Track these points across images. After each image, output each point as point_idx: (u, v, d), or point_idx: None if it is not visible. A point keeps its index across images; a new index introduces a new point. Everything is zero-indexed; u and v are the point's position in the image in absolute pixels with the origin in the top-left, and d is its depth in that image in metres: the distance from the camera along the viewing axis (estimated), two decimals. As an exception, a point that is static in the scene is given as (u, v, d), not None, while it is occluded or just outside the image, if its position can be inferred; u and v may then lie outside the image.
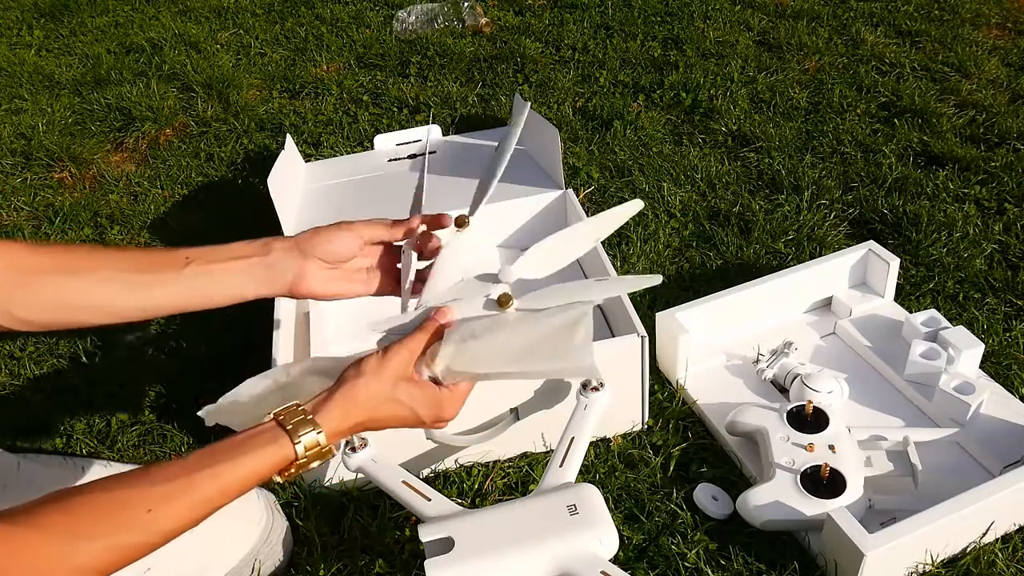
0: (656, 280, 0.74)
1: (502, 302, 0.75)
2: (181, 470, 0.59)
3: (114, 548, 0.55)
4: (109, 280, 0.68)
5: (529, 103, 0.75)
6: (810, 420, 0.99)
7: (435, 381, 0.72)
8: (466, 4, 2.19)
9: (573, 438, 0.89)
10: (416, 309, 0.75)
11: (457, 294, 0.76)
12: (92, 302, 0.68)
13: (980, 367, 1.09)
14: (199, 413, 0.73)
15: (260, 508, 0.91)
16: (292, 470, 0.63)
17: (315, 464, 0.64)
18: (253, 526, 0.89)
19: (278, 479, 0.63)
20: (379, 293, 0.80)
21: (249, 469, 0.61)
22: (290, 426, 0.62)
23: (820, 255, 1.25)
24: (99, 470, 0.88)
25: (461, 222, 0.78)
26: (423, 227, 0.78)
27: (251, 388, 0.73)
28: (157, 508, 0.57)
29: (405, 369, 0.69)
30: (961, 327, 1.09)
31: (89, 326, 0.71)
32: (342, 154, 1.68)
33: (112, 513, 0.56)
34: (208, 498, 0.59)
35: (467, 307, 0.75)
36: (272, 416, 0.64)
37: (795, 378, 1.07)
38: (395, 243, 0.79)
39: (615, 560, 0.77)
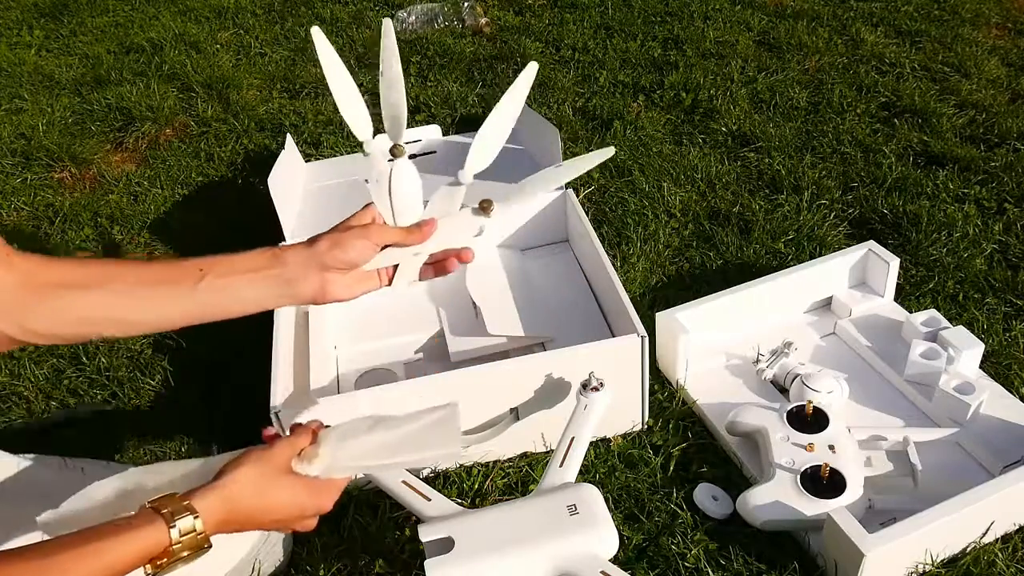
0: (609, 152, 0.77)
1: (484, 207, 0.75)
2: (49, 550, 0.56)
3: None
4: (122, 294, 0.67)
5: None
6: (810, 420, 0.99)
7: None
8: (466, 4, 2.19)
9: (573, 438, 0.89)
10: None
11: (436, 211, 0.77)
12: (105, 316, 0.67)
13: (980, 367, 1.09)
14: (37, 519, 0.67)
15: None
16: (164, 559, 0.59)
17: (187, 554, 0.60)
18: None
19: (148, 570, 0.59)
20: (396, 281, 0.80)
21: (120, 553, 0.57)
22: (165, 511, 0.60)
23: (820, 255, 1.25)
24: (99, 470, 0.88)
25: (486, 207, 0.77)
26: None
27: (98, 492, 0.68)
28: None
29: (287, 463, 0.69)
30: (961, 327, 1.09)
31: (102, 339, 0.71)
32: (342, 154, 1.68)
33: None
34: None
35: (452, 219, 0.77)
36: (148, 504, 0.61)
37: (795, 378, 1.07)
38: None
39: (615, 560, 0.77)
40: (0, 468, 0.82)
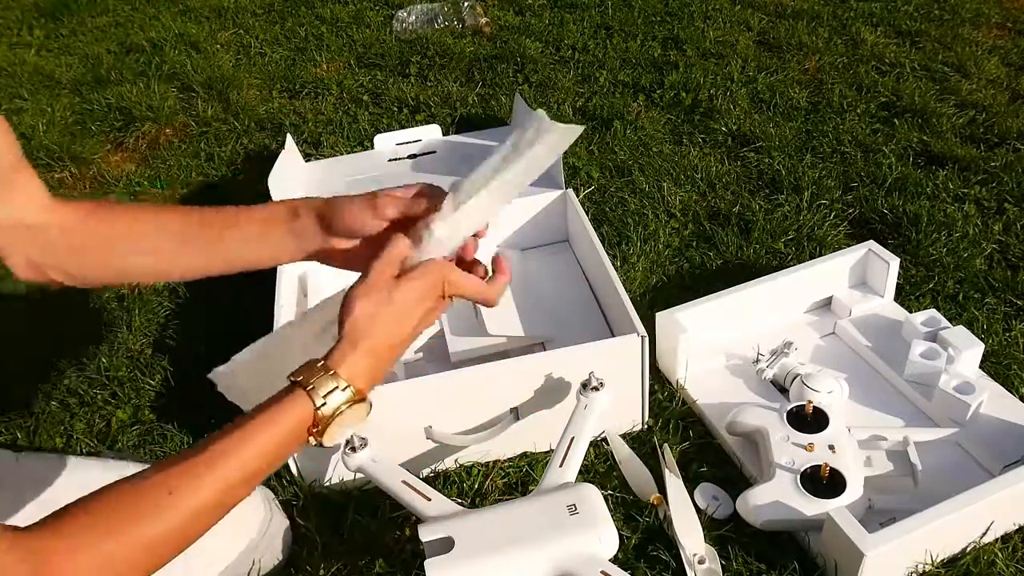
0: (579, 130, 0.71)
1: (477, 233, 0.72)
2: (196, 450, 0.58)
3: (141, 542, 0.54)
4: (150, 252, 0.72)
5: (537, 111, 0.73)
6: (810, 420, 0.99)
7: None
8: (466, 4, 2.19)
9: (573, 438, 0.89)
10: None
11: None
12: (137, 269, 0.74)
13: (980, 367, 1.09)
14: (209, 375, 0.74)
15: (256, 501, 0.91)
16: (323, 429, 0.61)
17: (350, 411, 0.61)
18: (251, 519, 0.89)
19: (312, 442, 0.61)
20: None
21: (268, 437, 0.59)
22: (310, 386, 0.60)
23: (820, 255, 1.25)
24: (98, 469, 0.88)
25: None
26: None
27: (263, 347, 0.74)
28: (177, 489, 0.55)
29: (391, 277, 0.65)
30: (961, 327, 1.09)
31: (120, 284, 0.77)
32: (342, 154, 1.68)
33: (132, 502, 0.55)
34: (227, 472, 0.57)
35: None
36: (289, 377, 0.61)
37: (795, 378, 1.07)
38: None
39: (615, 560, 0.77)
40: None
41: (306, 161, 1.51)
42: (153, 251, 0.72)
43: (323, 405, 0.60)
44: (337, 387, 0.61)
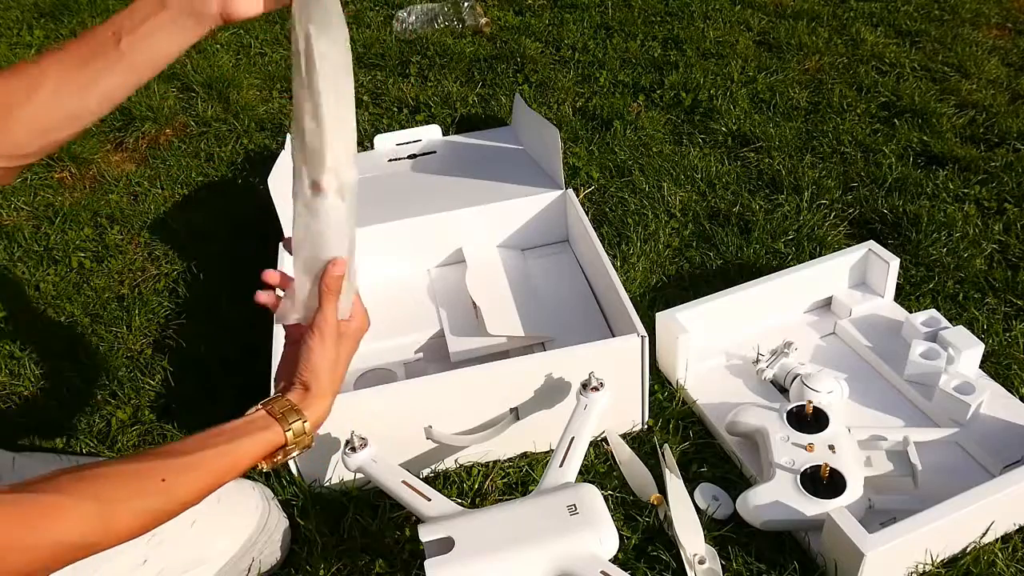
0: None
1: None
2: (191, 447, 0.64)
3: (139, 512, 0.59)
4: (61, 92, 0.67)
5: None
6: (810, 420, 0.99)
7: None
8: (466, 4, 2.19)
9: (573, 438, 0.89)
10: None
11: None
12: (59, 117, 0.68)
13: (980, 367, 1.09)
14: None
15: (256, 497, 0.92)
16: (279, 456, 0.69)
17: (297, 453, 0.70)
18: (250, 515, 0.90)
19: (263, 466, 0.69)
20: None
21: (248, 450, 0.66)
22: (279, 415, 0.68)
23: (820, 255, 1.25)
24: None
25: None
26: None
27: None
28: (171, 478, 0.61)
29: (336, 336, 0.73)
30: (961, 327, 1.09)
31: (69, 139, 0.72)
32: (342, 154, 1.68)
33: (132, 480, 0.60)
34: (216, 472, 0.64)
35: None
36: (262, 406, 0.70)
37: (795, 378, 1.07)
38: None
39: (615, 560, 0.77)
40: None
41: (306, 161, 1.51)
42: (63, 93, 0.67)
43: (289, 441, 0.69)
44: (300, 422, 0.69)
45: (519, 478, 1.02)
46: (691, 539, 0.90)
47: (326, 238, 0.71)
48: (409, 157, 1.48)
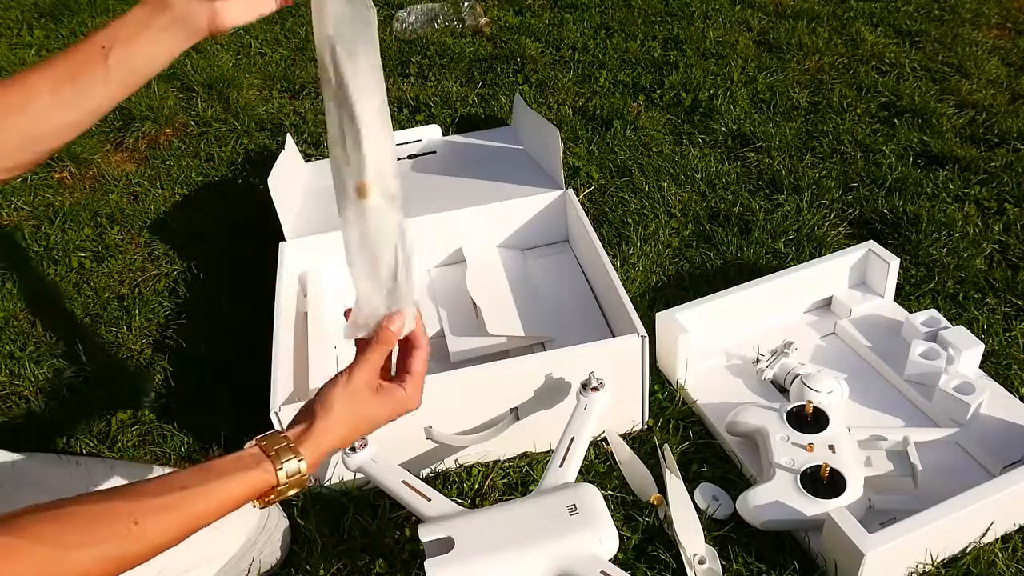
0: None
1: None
2: (168, 486, 0.60)
3: (101, 559, 0.55)
4: (50, 106, 0.67)
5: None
6: (810, 420, 0.99)
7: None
8: (466, 4, 2.19)
9: (573, 438, 0.89)
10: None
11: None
12: (46, 129, 0.68)
13: (980, 367, 1.09)
14: None
15: None
16: (271, 496, 0.65)
17: (292, 492, 0.66)
18: (250, 518, 0.89)
19: (256, 505, 0.65)
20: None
21: (232, 490, 0.62)
22: (272, 453, 0.64)
23: (820, 255, 1.25)
24: (97, 468, 0.88)
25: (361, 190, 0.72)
26: None
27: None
28: (144, 521, 0.57)
29: (370, 385, 0.70)
30: (961, 327, 1.09)
31: (53, 152, 0.71)
32: (342, 154, 1.68)
33: (98, 523, 0.56)
34: (195, 514, 0.60)
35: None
36: (256, 443, 0.66)
37: (795, 378, 1.07)
38: None
39: (615, 560, 0.77)
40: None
41: (306, 161, 1.51)
42: (51, 107, 0.68)
43: (281, 481, 0.64)
44: (295, 460, 0.65)
45: (519, 478, 1.02)
46: (691, 539, 0.90)
47: (383, 236, 0.70)
48: (409, 157, 1.48)
